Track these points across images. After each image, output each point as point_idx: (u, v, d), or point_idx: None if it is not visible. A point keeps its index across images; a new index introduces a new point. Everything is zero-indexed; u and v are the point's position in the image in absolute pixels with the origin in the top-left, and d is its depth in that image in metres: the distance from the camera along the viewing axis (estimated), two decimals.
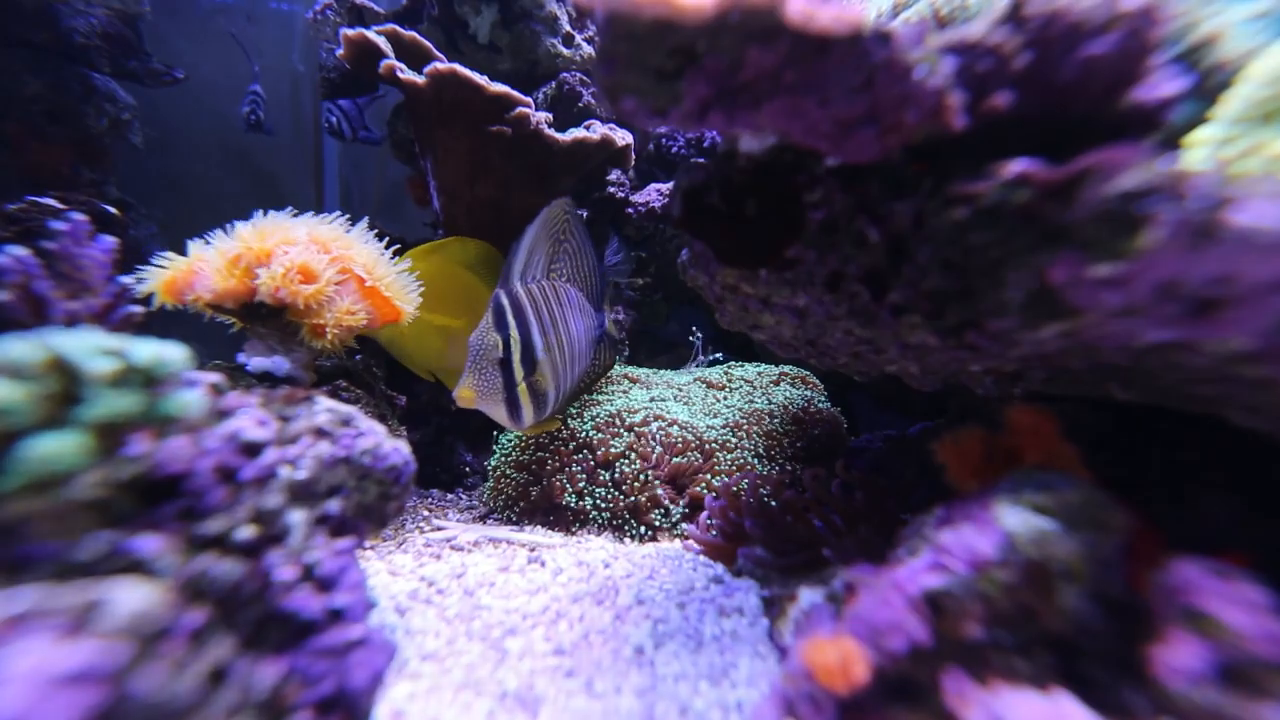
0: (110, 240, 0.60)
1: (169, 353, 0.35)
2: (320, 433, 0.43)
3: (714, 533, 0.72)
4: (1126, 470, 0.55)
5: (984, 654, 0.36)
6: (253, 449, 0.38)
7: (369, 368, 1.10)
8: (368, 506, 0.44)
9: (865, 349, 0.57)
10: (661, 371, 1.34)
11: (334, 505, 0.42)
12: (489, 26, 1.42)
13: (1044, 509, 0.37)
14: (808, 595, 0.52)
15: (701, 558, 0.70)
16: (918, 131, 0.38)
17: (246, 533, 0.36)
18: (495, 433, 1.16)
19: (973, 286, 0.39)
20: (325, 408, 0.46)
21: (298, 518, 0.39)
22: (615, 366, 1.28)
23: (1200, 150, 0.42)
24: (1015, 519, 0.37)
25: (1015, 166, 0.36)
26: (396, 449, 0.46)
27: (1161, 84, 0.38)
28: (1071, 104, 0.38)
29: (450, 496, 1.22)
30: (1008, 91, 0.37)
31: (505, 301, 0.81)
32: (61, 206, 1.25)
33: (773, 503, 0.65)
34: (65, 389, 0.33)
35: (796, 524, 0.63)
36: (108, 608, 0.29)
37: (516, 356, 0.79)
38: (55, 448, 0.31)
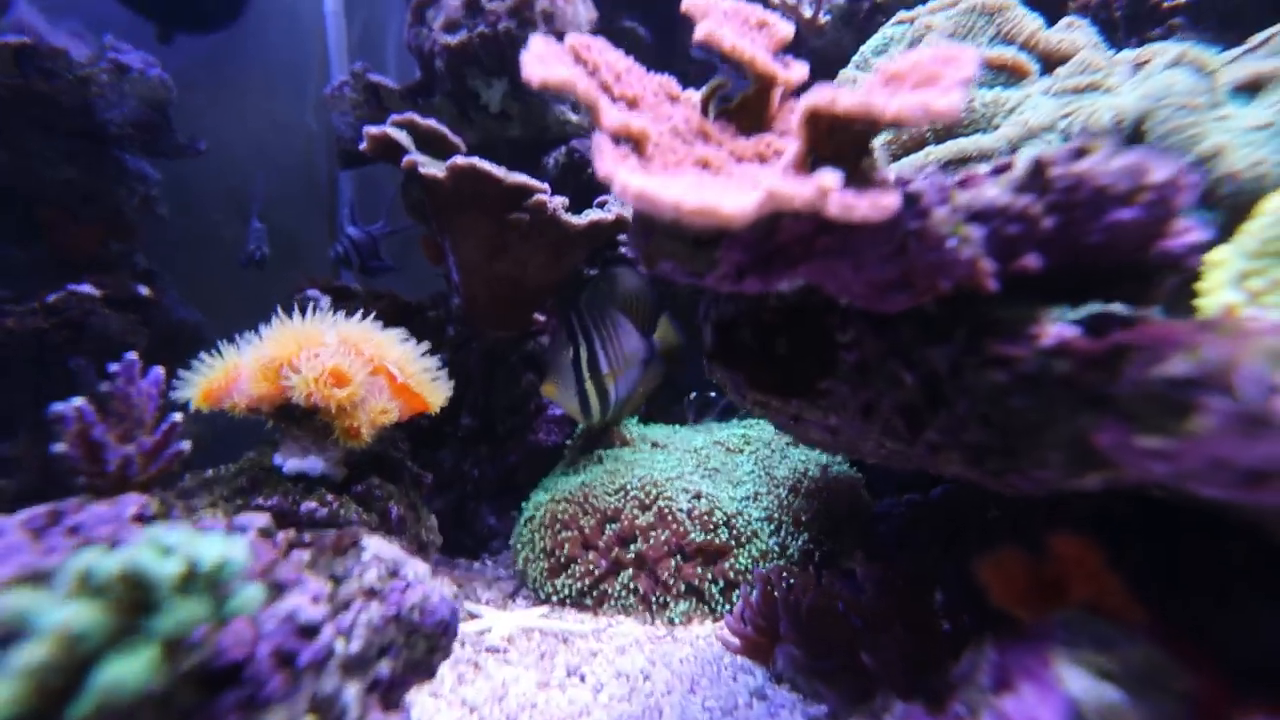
0: (158, 371, 0.62)
1: (233, 553, 0.36)
2: (370, 593, 0.44)
3: (748, 626, 0.72)
4: (1164, 564, 0.53)
5: None
6: (310, 631, 0.39)
7: (394, 443, 1.11)
8: (416, 662, 0.45)
9: (897, 457, 0.57)
10: (680, 430, 1.34)
11: (384, 668, 0.42)
12: (500, 97, 1.47)
13: (1107, 673, 0.36)
14: None
15: (739, 659, 0.70)
16: (950, 291, 0.39)
17: None
18: (517, 510, 1.16)
19: (1014, 446, 0.39)
20: (374, 556, 0.47)
21: (352, 693, 0.39)
22: (636, 428, 1.28)
23: (1225, 289, 0.43)
24: (1078, 684, 0.36)
25: (1053, 334, 0.36)
26: (443, 599, 0.47)
27: (1188, 234, 0.39)
28: (1100, 260, 0.39)
29: (476, 565, 1.22)
30: (1036, 254, 0.38)
31: (574, 317, 1.12)
32: (98, 294, 1.29)
33: (802, 602, 0.64)
34: (136, 600, 0.34)
35: (830, 628, 0.62)
36: None
37: (584, 360, 1.07)
38: (128, 671, 0.31)
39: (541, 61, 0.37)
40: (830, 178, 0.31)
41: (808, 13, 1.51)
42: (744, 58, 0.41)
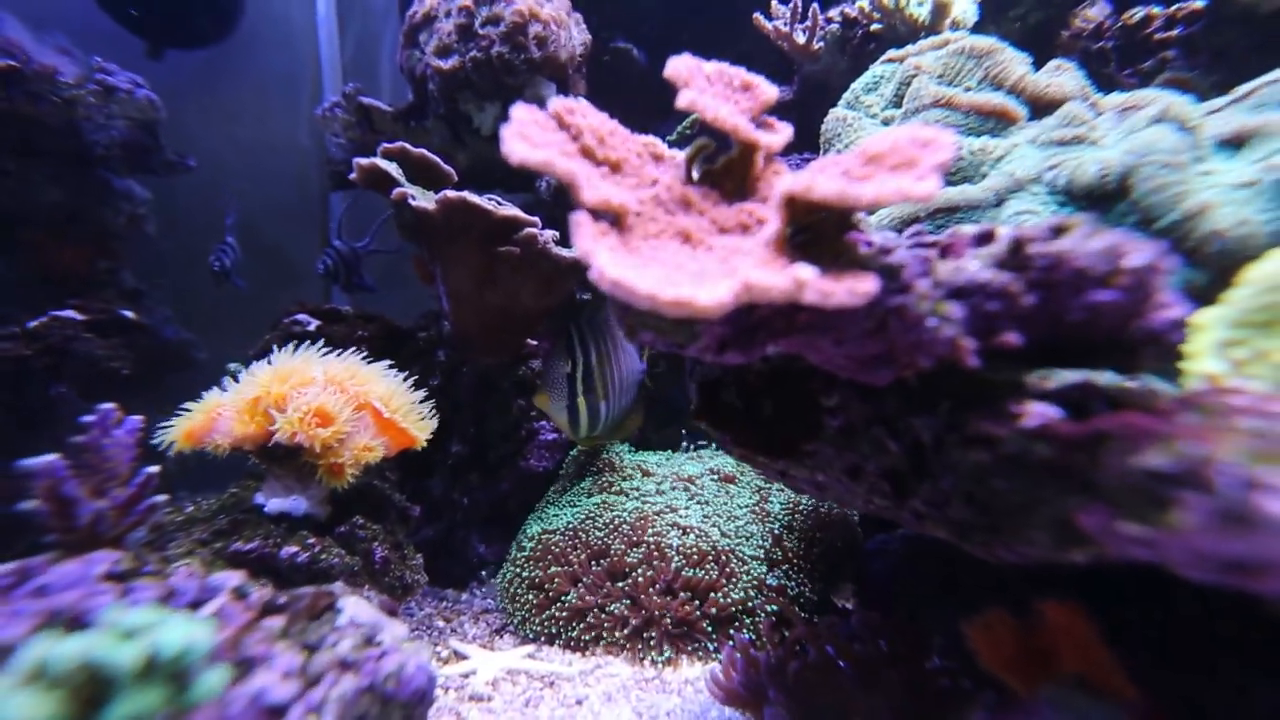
0: (134, 421, 0.61)
1: (196, 637, 0.34)
2: (344, 665, 0.43)
3: (735, 679, 0.71)
4: (1157, 627, 0.53)
5: None
6: (277, 712, 0.38)
7: (382, 472, 1.09)
8: None
9: (886, 511, 0.56)
10: (673, 457, 1.33)
11: None
12: (492, 120, 1.47)
13: None
14: None
15: (728, 710, 0.69)
16: (933, 366, 0.39)
17: None
18: (507, 538, 1.15)
19: (999, 524, 0.38)
20: (350, 620, 0.46)
21: None
22: (629, 455, 1.28)
23: (1208, 357, 0.43)
24: None
25: (1035, 415, 0.36)
26: (420, 667, 0.46)
27: (1169, 310, 0.39)
28: (1083, 333, 0.39)
29: (465, 597, 1.21)
30: (1017, 331, 0.38)
31: (574, 331, 1.09)
32: (81, 319, 1.28)
33: (789, 666, 0.63)
34: (92, 692, 0.32)
35: (820, 687, 0.61)
36: None
37: (579, 374, 1.06)
38: None
39: (522, 138, 0.36)
40: (805, 270, 0.30)
41: (801, 39, 1.52)
42: (726, 127, 0.41)
